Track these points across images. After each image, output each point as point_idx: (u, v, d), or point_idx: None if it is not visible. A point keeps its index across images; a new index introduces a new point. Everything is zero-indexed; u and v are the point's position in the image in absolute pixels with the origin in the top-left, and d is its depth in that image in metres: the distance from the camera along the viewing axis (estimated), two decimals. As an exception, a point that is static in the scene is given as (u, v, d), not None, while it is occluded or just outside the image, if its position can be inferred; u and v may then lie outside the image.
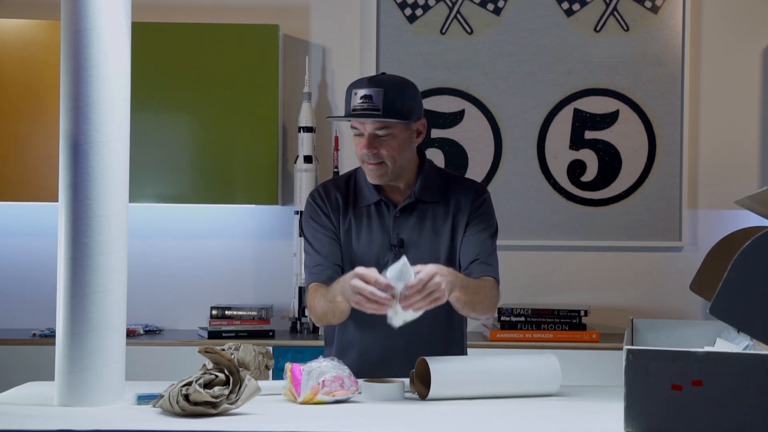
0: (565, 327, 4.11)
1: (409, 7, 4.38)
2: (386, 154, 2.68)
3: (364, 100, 2.66)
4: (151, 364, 3.93)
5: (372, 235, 2.75)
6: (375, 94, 2.65)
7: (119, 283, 2.26)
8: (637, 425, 1.93)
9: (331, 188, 2.83)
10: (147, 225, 4.36)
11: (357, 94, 2.67)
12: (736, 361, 1.90)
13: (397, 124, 2.68)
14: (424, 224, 2.76)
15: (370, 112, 2.65)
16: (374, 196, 2.77)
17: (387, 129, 2.67)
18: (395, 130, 2.68)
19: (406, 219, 2.76)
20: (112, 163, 2.25)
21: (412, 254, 2.66)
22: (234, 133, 4.20)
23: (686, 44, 4.33)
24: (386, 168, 2.70)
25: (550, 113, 4.38)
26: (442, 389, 2.32)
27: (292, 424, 2.04)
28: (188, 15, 4.40)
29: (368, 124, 2.67)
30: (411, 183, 2.78)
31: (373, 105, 2.65)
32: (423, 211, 2.76)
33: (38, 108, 4.13)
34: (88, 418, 2.09)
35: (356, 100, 2.67)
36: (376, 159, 2.68)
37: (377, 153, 2.67)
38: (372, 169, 2.70)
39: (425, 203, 2.77)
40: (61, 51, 2.25)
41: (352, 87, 2.70)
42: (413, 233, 2.75)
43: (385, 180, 2.73)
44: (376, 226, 2.76)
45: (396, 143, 2.69)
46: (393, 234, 2.74)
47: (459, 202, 2.79)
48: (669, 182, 4.35)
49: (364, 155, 2.69)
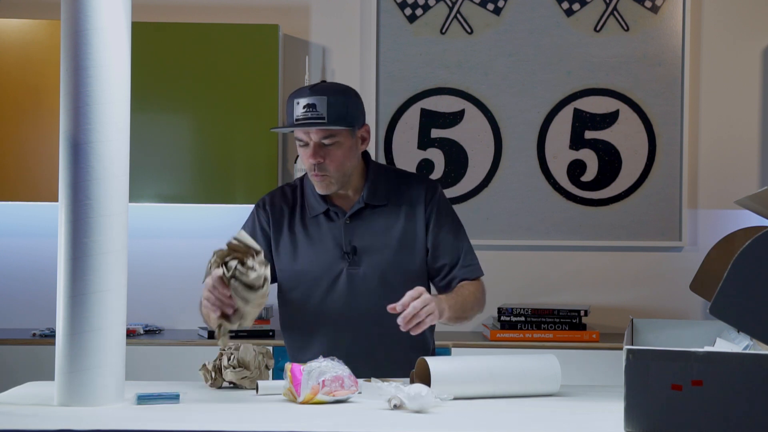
0: (565, 327, 4.11)
1: (409, 7, 4.38)
2: (331, 165, 2.66)
3: (307, 109, 2.61)
4: (151, 364, 3.93)
5: (324, 245, 2.72)
6: (318, 102, 2.61)
7: (119, 283, 2.26)
8: (637, 425, 1.93)
9: (278, 198, 2.80)
10: (147, 225, 4.36)
11: (299, 103, 2.63)
12: (736, 361, 1.90)
13: (342, 132, 2.65)
14: (376, 229, 2.73)
15: (314, 121, 2.61)
16: (322, 205, 2.74)
17: (332, 137, 2.64)
18: (341, 138, 2.65)
19: (356, 226, 2.73)
20: (112, 163, 2.25)
21: (366, 261, 2.65)
22: (234, 133, 4.20)
23: (686, 44, 4.33)
24: (331, 179, 2.68)
25: (550, 113, 4.38)
26: (442, 389, 2.32)
27: (292, 424, 2.04)
28: (188, 15, 4.40)
29: (313, 133, 2.63)
30: (359, 188, 2.76)
31: (317, 113, 2.61)
32: (373, 216, 2.74)
33: (38, 108, 4.13)
34: (88, 418, 2.09)
35: (299, 109, 2.63)
36: (322, 170, 2.65)
37: (323, 164, 2.64)
38: (318, 181, 2.68)
39: (375, 207, 2.74)
40: (61, 51, 2.25)
41: (293, 96, 2.66)
42: (365, 239, 2.72)
43: (333, 190, 2.70)
44: (326, 235, 2.73)
45: (341, 152, 2.66)
46: (345, 242, 2.72)
47: (411, 201, 2.76)
48: (669, 182, 4.35)
49: (311, 165, 2.66)
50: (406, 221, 2.75)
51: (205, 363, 2.51)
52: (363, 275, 2.70)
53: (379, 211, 2.74)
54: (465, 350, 3.89)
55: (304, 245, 2.74)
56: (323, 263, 2.72)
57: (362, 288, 2.70)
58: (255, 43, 4.22)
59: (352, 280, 2.71)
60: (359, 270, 2.70)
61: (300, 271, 2.74)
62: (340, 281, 2.71)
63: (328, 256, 2.72)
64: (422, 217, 2.75)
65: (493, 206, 4.35)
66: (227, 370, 2.45)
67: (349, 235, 2.72)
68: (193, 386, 2.48)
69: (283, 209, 2.78)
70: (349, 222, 2.73)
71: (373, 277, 2.69)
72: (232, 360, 2.46)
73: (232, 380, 2.46)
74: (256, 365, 2.47)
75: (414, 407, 2.16)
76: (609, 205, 4.38)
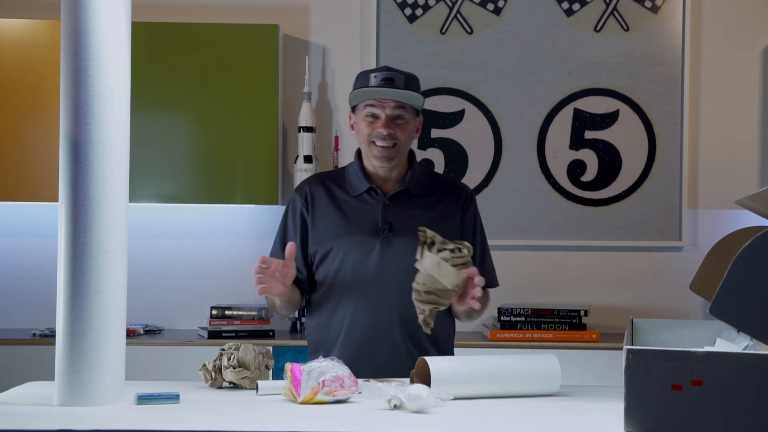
0: (565, 327, 4.11)
1: (409, 7, 4.38)
2: (401, 137, 2.76)
3: (385, 82, 2.73)
4: (151, 364, 3.93)
5: (360, 222, 2.79)
6: (396, 78, 2.75)
7: (119, 283, 2.26)
8: (637, 425, 1.93)
9: (318, 182, 2.88)
10: (147, 225, 4.36)
11: (377, 76, 2.74)
12: (736, 361, 1.90)
13: (409, 112, 2.77)
14: (413, 213, 2.80)
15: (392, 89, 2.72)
16: (365, 184, 2.82)
17: (403, 112, 2.75)
18: (408, 117, 2.77)
19: (395, 206, 2.80)
20: (112, 163, 2.25)
21: (399, 240, 2.70)
22: (234, 133, 4.20)
23: (686, 44, 4.33)
24: (397, 151, 2.77)
25: (550, 113, 4.38)
26: (442, 389, 2.32)
27: (292, 424, 2.04)
28: (188, 15, 4.40)
29: (387, 106, 2.73)
30: (401, 175, 2.84)
31: (394, 86, 2.73)
32: (411, 202, 2.82)
33: (38, 108, 4.13)
34: (88, 418, 2.09)
35: (376, 81, 2.74)
36: (391, 140, 2.75)
37: (393, 134, 2.74)
38: (382, 151, 2.76)
39: (414, 195, 2.82)
40: (61, 51, 2.25)
41: (367, 72, 2.77)
42: (401, 219, 2.78)
43: (392, 163, 2.78)
44: (364, 213, 2.80)
45: (408, 129, 2.78)
46: (382, 220, 2.77)
47: (449, 201, 2.85)
48: (669, 182, 4.35)
49: (378, 135, 2.75)
50: (443, 215, 2.82)
51: (205, 363, 2.51)
52: (395, 252, 2.76)
53: (418, 200, 2.82)
54: (465, 350, 3.88)
55: (341, 221, 2.81)
56: (358, 237, 2.78)
57: (392, 265, 2.75)
58: (255, 43, 4.21)
59: (384, 256, 2.76)
60: (392, 247, 2.75)
61: (334, 244, 2.79)
62: (372, 256, 2.76)
63: (364, 231, 2.78)
64: (458, 219, 2.84)
65: (493, 206, 4.35)
66: (227, 370, 2.45)
67: (387, 214, 2.79)
68: (193, 386, 2.48)
69: (322, 190, 2.86)
70: (388, 203, 2.81)
71: (404, 255, 2.72)
72: (232, 360, 2.46)
73: (232, 380, 2.46)
74: (256, 365, 2.47)
75: (414, 407, 2.16)
76: (609, 205, 4.38)
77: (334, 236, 2.79)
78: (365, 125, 2.77)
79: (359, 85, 2.79)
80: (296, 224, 2.85)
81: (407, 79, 2.77)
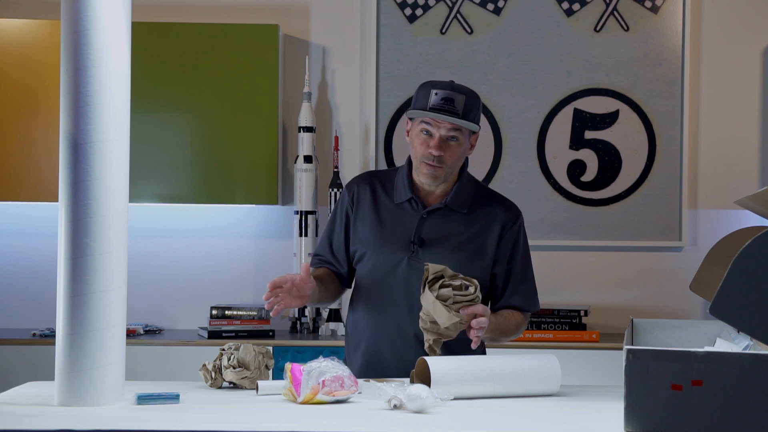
0: (565, 327, 4.11)
1: (409, 7, 4.38)
2: (449, 160, 2.72)
3: (444, 102, 2.69)
4: (151, 364, 3.93)
5: (394, 232, 2.77)
6: (456, 99, 2.69)
7: (119, 283, 2.26)
8: (637, 425, 1.93)
9: (367, 182, 2.87)
10: (147, 225, 4.36)
11: (437, 94, 2.70)
12: (736, 361, 1.90)
13: (463, 132, 2.72)
14: (448, 230, 2.76)
15: (451, 114, 2.69)
16: (408, 193, 2.79)
17: (457, 134, 2.71)
18: (462, 138, 2.72)
19: (431, 222, 2.77)
20: (112, 163, 2.25)
21: (428, 256, 2.67)
22: (234, 133, 4.20)
23: (686, 44, 4.33)
24: (444, 171, 2.73)
25: (550, 113, 4.38)
26: (442, 389, 2.32)
27: (292, 424, 2.04)
28: (188, 15, 4.40)
29: (443, 126, 2.69)
30: (447, 189, 2.80)
31: (454, 108, 2.69)
32: (450, 218, 2.77)
33: (38, 108, 4.13)
34: (88, 418, 2.09)
35: (436, 99, 2.70)
36: (441, 162, 2.71)
37: (442, 157, 2.70)
38: (430, 171, 2.73)
39: (454, 212, 2.78)
40: (61, 51, 2.25)
41: (430, 86, 2.73)
42: (434, 236, 2.75)
43: (438, 182, 2.76)
44: (401, 223, 2.78)
45: (459, 150, 2.73)
46: (414, 233, 2.75)
47: (491, 218, 2.80)
48: (669, 182, 4.35)
49: (428, 155, 2.71)
50: (479, 234, 2.78)
51: (205, 363, 2.51)
52: (420, 270, 2.70)
53: (457, 216, 2.78)
54: (465, 350, 3.88)
55: (378, 227, 2.79)
56: (388, 249, 2.76)
57: (415, 283, 2.71)
58: (255, 43, 4.22)
59: (411, 272, 2.73)
60: (418, 264, 2.72)
61: (368, 251, 2.78)
62: (399, 270, 2.74)
63: (395, 243, 2.76)
64: (496, 235, 2.79)
65: (493, 206, 4.34)
66: (227, 370, 2.45)
67: (421, 228, 2.76)
68: (193, 386, 2.48)
69: (368, 191, 2.84)
70: (425, 216, 2.77)
71: None
72: (232, 360, 2.46)
73: (232, 380, 2.45)
74: (256, 365, 2.47)
75: (414, 407, 2.16)
76: (609, 205, 4.38)
77: (369, 241, 2.78)
78: (419, 143, 2.73)
79: (419, 99, 2.73)
80: (342, 220, 2.84)
81: (467, 101, 2.70)
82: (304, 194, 4.18)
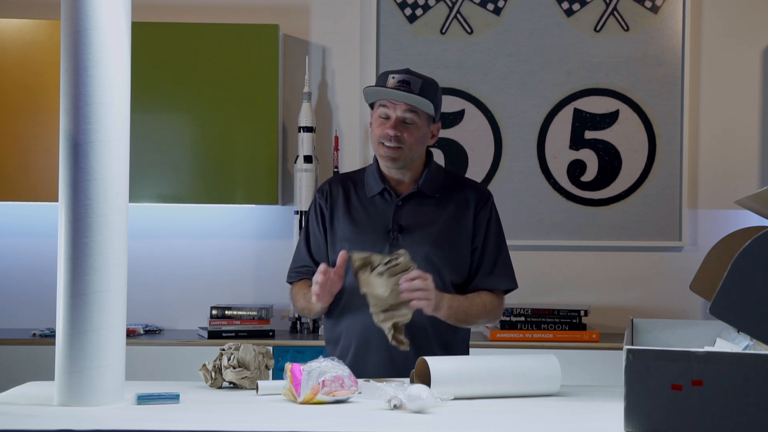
0: (565, 327, 4.11)
1: (409, 7, 4.38)
2: (407, 140, 2.75)
3: (401, 84, 2.74)
4: (151, 364, 3.93)
5: (372, 224, 2.79)
6: (413, 81, 2.75)
7: (119, 283, 2.26)
8: (637, 425, 1.93)
9: (338, 182, 2.90)
10: (147, 225, 4.36)
11: (394, 78, 2.75)
12: (736, 361, 1.90)
13: (421, 117, 2.76)
14: (424, 215, 2.80)
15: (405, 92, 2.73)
16: (379, 185, 2.82)
17: (414, 117, 2.75)
18: (420, 121, 2.76)
19: (407, 209, 2.80)
20: (112, 163, 2.25)
21: (408, 243, 2.69)
22: (234, 133, 4.20)
23: (686, 44, 4.33)
24: (402, 152, 2.76)
25: (550, 113, 4.38)
26: (442, 389, 2.32)
27: (292, 424, 2.04)
28: (188, 15, 4.40)
29: (399, 107, 2.74)
30: (416, 178, 2.84)
31: (409, 89, 2.73)
32: (424, 203, 2.81)
33: (38, 108, 4.13)
34: (88, 418, 2.09)
35: (392, 82, 2.75)
36: (397, 142, 2.74)
37: (400, 136, 2.74)
38: (387, 151, 2.76)
39: (427, 196, 2.82)
40: (61, 51, 2.25)
41: (388, 72, 2.78)
42: (412, 222, 2.78)
43: (398, 165, 2.78)
44: (377, 215, 2.80)
45: (417, 134, 2.77)
46: (392, 222, 2.77)
47: (462, 202, 2.84)
48: (669, 182, 4.35)
49: (385, 136, 2.75)
50: (455, 216, 2.81)
51: (205, 363, 2.51)
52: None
53: (430, 201, 2.82)
54: (465, 350, 3.88)
55: (355, 223, 2.81)
56: (368, 240, 2.77)
57: None
58: (255, 43, 4.22)
59: None
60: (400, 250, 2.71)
61: (349, 245, 2.78)
62: None
63: (374, 233, 2.78)
64: (471, 218, 2.82)
65: (493, 206, 4.35)
66: (227, 370, 2.45)
67: (398, 216, 2.79)
68: (193, 386, 2.48)
69: (340, 190, 2.87)
70: (401, 204, 2.81)
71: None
72: (232, 360, 2.46)
73: (232, 380, 2.46)
74: (256, 365, 2.47)
75: (414, 407, 2.16)
76: (609, 205, 4.38)
77: (349, 236, 2.79)
78: (377, 125, 2.79)
79: (377, 84, 2.80)
80: (319, 222, 2.86)
81: (424, 85, 2.76)
82: (304, 194, 4.18)
